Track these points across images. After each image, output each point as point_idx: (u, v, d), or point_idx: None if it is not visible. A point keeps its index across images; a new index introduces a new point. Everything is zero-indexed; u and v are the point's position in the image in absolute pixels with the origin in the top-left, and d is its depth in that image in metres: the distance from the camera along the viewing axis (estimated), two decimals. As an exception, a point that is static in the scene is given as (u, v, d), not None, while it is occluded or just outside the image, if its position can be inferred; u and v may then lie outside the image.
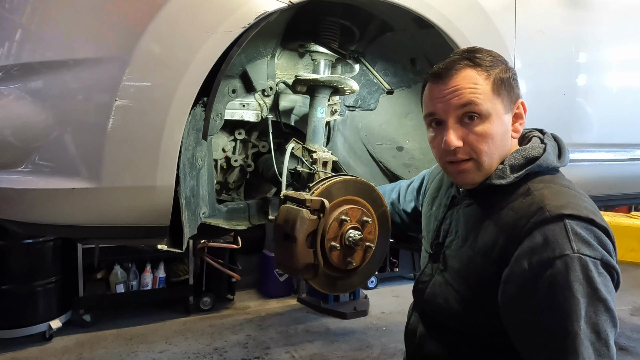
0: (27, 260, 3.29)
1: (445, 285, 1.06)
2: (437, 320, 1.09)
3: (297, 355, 3.31)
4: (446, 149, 0.99)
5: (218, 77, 1.20)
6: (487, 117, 0.97)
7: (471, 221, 1.03)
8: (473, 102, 0.96)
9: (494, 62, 1.00)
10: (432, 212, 1.21)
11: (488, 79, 0.97)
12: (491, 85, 0.97)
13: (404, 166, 1.91)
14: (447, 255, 1.08)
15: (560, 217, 0.87)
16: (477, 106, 0.96)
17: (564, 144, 1.05)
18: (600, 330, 0.82)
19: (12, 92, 1.11)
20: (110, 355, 3.21)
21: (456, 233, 1.07)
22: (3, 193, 1.14)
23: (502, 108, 0.98)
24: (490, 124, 0.97)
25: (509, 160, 0.99)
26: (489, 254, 0.95)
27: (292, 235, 1.20)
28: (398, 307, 4.28)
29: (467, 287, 1.00)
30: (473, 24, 1.49)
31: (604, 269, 0.85)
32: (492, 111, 0.97)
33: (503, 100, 0.99)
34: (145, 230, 1.22)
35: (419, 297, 1.17)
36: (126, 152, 1.11)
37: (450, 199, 1.14)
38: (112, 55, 1.09)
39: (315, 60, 1.61)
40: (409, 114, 1.86)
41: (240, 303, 4.23)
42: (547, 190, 0.94)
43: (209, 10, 1.13)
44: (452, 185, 1.15)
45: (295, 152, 1.56)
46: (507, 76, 1.00)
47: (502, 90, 0.99)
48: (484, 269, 0.96)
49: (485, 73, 0.98)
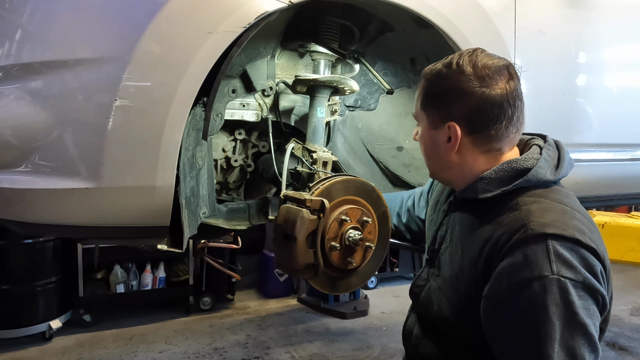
0: (27, 260, 3.29)
1: (439, 291, 1.06)
2: (432, 323, 1.10)
3: (297, 355, 3.31)
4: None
5: (218, 77, 1.20)
6: (420, 126, 1.06)
7: (463, 231, 1.03)
8: (414, 116, 1.07)
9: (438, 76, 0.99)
10: (433, 217, 1.21)
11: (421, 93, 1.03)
12: (420, 100, 1.04)
13: (404, 166, 1.91)
14: (442, 262, 1.08)
15: (543, 237, 0.84)
16: (416, 118, 1.07)
17: (565, 153, 1.01)
18: (576, 354, 0.80)
19: (12, 92, 1.11)
20: (110, 355, 3.21)
21: (450, 241, 1.06)
22: (3, 193, 1.14)
23: (427, 123, 1.03)
24: (421, 134, 1.06)
25: (496, 172, 0.95)
26: (474, 266, 0.94)
27: (292, 235, 1.20)
28: (398, 307, 4.28)
29: (457, 295, 1.00)
30: (473, 24, 1.49)
31: (585, 292, 0.82)
32: (421, 122, 1.05)
33: (428, 116, 1.02)
34: (145, 230, 1.22)
35: (415, 300, 1.18)
36: (126, 152, 1.11)
37: (448, 205, 1.13)
38: (112, 55, 1.09)
39: (315, 60, 1.61)
40: (409, 114, 1.86)
41: (240, 303, 4.23)
42: (536, 206, 0.90)
43: (209, 10, 1.14)
44: (453, 191, 1.13)
45: (295, 152, 1.56)
46: (437, 91, 0.99)
47: (428, 106, 1.02)
48: (470, 280, 0.95)
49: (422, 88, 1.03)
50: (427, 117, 1.01)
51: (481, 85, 0.92)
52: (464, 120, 0.95)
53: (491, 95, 0.92)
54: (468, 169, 1.00)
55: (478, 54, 0.95)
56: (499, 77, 0.93)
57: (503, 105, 0.93)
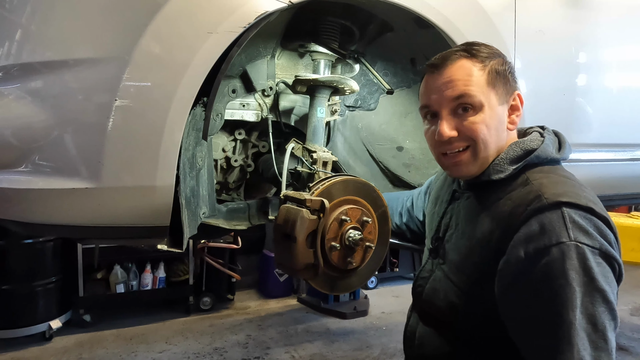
0: (27, 260, 3.29)
1: (445, 279, 1.05)
2: (437, 317, 1.08)
3: (297, 355, 3.31)
4: (439, 140, 1.00)
5: (218, 77, 1.20)
6: (481, 108, 0.97)
7: (470, 213, 1.03)
8: (466, 94, 0.96)
9: (491, 54, 1.00)
10: (435, 210, 1.21)
11: (483, 70, 0.98)
12: (486, 77, 0.98)
13: (404, 166, 1.91)
14: (447, 249, 1.07)
15: (558, 205, 0.85)
16: (471, 98, 0.96)
17: (564, 138, 1.05)
18: (597, 321, 0.79)
19: (12, 92, 1.11)
20: (110, 355, 3.21)
21: (456, 226, 1.07)
22: (3, 193, 1.14)
23: (496, 100, 0.99)
24: (484, 114, 0.97)
25: (507, 153, 0.99)
26: (486, 244, 0.94)
27: (292, 235, 1.20)
28: (398, 307, 4.28)
29: (466, 279, 0.99)
30: (473, 24, 1.49)
31: (602, 259, 0.82)
32: (486, 102, 0.97)
33: (498, 92, 0.99)
34: (145, 230, 1.22)
35: (419, 294, 1.17)
36: (126, 152, 1.11)
37: (451, 194, 1.14)
38: (112, 55, 1.09)
39: (315, 60, 1.61)
40: (409, 114, 1.86)
41: (240, 303, 4.23)
42: (546, 180, 0.93)
43: (209, 10, 1.14)
44: (454, 181, 1.16)
45: (295, 152, 1.56)
46: (503, 68, 1.00)
47: (497, 82, 0.99)
48: (482, 259, 0.95)
49: (480, 64, 0.98)
50: (495, 93, 0.99)
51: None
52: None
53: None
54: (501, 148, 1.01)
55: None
56: None
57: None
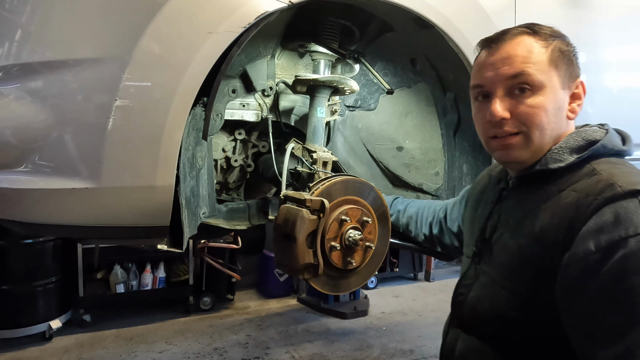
0: (27, 260, 3.29)
1: (492, 285, 0.95)
2: (481, 330, 0.97)
3: (297, 355, 3.31)
4: (491, 120, 0.90)
5: (218, 77, 1.20)
6: (541, 89, 0.88)
7: (523, 210, 0.92)
8: (525, 73, 0.88)
9: (554, 33, 0.92)
10: (477, 214, 1.10)
11: (546, 47, 0.89)
12: (549, 55, 0.89)
13: (404, 166, 1.91)
14: (495, 251, 0.96)
15: (634, 193, 0.77)
16: (530, 76, 0.87)
17: (627, 133, 0.96)
18: None
19: (12, 92, 1.11)
20: (110, 355, 3.21)
21: (506, 226, 0.96)
22: (3, 193, 1.14)
23: (558, 82, 0.90)
24: (544, 97, 0.88)
25: (566, 141, 0.90)
26: (545, 239, 0.84)
27: (292, 235, 1.21)
28: (398, 307, 4.28)
29: (519, 281, 0.88)
30: (473, 24, 1.49)
31: None
32: (547, 83, 0.88)
33: (560, 73, 0.90)
34: (145, 230, 1.22)
35: (459, 305, 1.05)
36: (126, 152, 1.11)
37: (498, 194, 1.04)
38: (112, 55, 1.09)
39: (315, 60, 1.61)
40: (409, 114, 1.86)
41: (240, 303, 4.23)
42: (616, 170, 0.84)
43: (209, 10, 1.14)
44: (500, 182, 1.06)
45: (295, 152, 1.56)
46: (568, 49, 0.92)
47: (561, 63, 0.90)
48: (539, 256, 0.85)
49: (543, 42, 0.90)
50: (557, 74, 0.90)
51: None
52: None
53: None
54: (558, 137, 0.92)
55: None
56: None
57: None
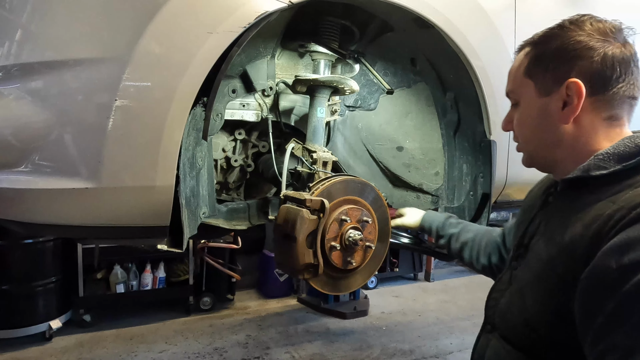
0: (27, 260, 3.29)
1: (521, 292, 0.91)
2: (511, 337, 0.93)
3: (297, 355, 3.31)
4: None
5: (218, 77, 1.20)
6: (521, 102, 0.92)
7: (562, 217, 0.87)
8: (510, 90, 0.94)
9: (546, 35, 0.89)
10: (523, 218, 1.06)
11: (525, 61, 0.90)
12: (524, 66, 0.90)
13: (404, 166, 1.92)
14: (529, 257, 0.93)
15: None
16: (512, 92, 0.94)
17: None
18: None
19: (12, 92, 1.11)
20: (110, 355, 3.21)
21: (544, 231, 0.92)
22: (3, 193, 1.14)
23: (534, 91, 0.88)
24: (523, 109, 0.91)
25: (616, 147, 0.83)
26: (573, 250, 0.79)
27: (292, 235, 1.21)
28: (398, 307, 4.28)
29: (544, 291, 0.85)
30: (473, 24, 1.49)
31: None
32: (523, 95, 0.91)
33: (537, 82, 0.88)
34: (145, 230, 1.22)
35: (492, 310, 1.02)
36: (126, 152, 1.11)
37: (544, 199, 1.00)
38: (112, 55, 1.09)
39: (315, 60, 1.61)
40: (409, 114, 1.86)
41: (240, 303, 4.23)
42: None
43: (209, 10, 1.14)
44: (550, 187, 1.01)
45: (295, 152, 1.56)
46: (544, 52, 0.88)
47: (535, 71, 0.88)
48: (564, 269, 0.80)
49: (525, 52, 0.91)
50: (534, 84, 0.88)
51: (604, 39, 0.84)
52: (584, 79, 0.83)
53: (615, 51, 0.83)
54: (584, 143, 0.86)
55: (592, 15, 0.89)
56: (621, 35, 0.86)
57: (630, 63, 0.84)
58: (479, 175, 1.65)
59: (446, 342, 3.54)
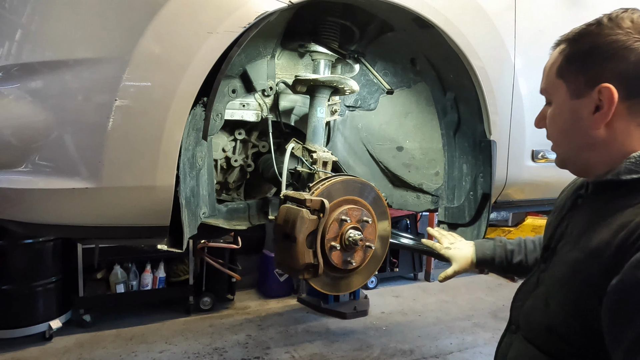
0: (27, 260, 3.29)
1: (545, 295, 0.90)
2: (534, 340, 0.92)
3: (297, 355, 3.31)
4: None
5: (218, 77, 1.20)
6: (552, 102, 0.89)
7: (590, 221, 0.85)
8: (543, 89, 0.91)
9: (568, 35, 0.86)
10: (552, 219, 1.04)
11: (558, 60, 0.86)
12: (557, 65, 0.86)
13: (404, 166, 1.92)
14: (555, 261, 0.91)
15: None
16: (545, 92, 0.90)
17: None
18: None
19: (12, 92, 1.11)
20: (110, 355, 3.21)
21: (570, 234, 0.90)
22: (3, 193, 1.14)
23: (565, 93, 0.85)
24: (554, 110, 0.88)
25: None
26: (599, 256, 0.77)
27: (292, 235, 1.21)
28: (398, 307, 4.28)
29: (568, 294, 0.83)
30: (473, 24, 1.49)
31: None
32: (555, 96, 0.87)
33: (569, 83, 0.84)
34: (145, 230, 1.22)
35: (517, 311, 1.00)
36: (126, 152, 1.11)
37: (574, 201, 0.97)
38: (112, 55, 1.09)
39: (315, 60, 1.61)
40: (409, 114, 1.86)
41: (240, 303, 4.23)
42: None
43: (209, 10, 1.13)
44: (581, 188, 0.98)
45: (295, 152, 1.56)
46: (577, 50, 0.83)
47: (567, 72, 0.84)
48: (588, 272, 0.78)
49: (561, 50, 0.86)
50: (566, 85, 0.84)
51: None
52: (620, 82, 0.78)
53: None
54: (617, 147, 0.82)
55: (634, 10, 0.82)
56: None
57: None
58: (479, 175, 1.65)
59: (446, 342, 3.54)
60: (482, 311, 4.24)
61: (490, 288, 4.82)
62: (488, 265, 1.33)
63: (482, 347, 3.46)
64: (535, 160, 1.74)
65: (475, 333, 3.72)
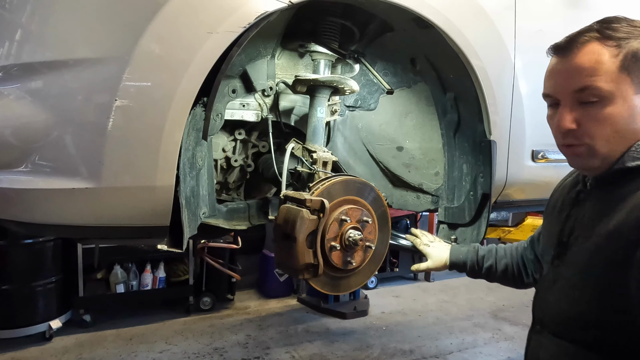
0: (27, 260, 3.29)
1: (570, 286, 0.92)
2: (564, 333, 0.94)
3: (297, 355, 3.31)
4: (560, 131, 0.89)
5: (218, 77, 1.20)
6: (610, 99, 0.84)
7: (600, 211, 0.89)
8: (591, 87, 0.84)
9: (630, 32, 0.85)
10: (554, 218, 1.07)
11: (617, 54, 0.83)
12: (619, 62, 0.83)
13: (404, 166, 1.92)
14: (571, 253, 0.94)
15: None
16: (596, 90, 0.84)
17: None
18: None
19: (12, 92, 1.11)
20: (110, 355, 3.21)
21: (582, 228, 0.93)
22: (3, 193, 1.14)
23: (631, 88, 0.84)
24: (613, 107, 0.84)
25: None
26: (620, 235, 0.81)
27: (292, 235, 1.21)
28: (398, 307, 4.28)
29: (594, 279, 0.86)
30: (473, 24, 1.49)
31: None
32: (617, 92, 0.83)
33: (634, 79, 0.84)
34: (145, 230, 1.22)
35: (539, 309, 1.03)
36: (126, 152, 1.11)
37: (575, 196, 1.01)
38: (112, 55, 1.09)
39: (315, 60, 1.61)
40: (409, 114, 1.86)
41: (240, 303, 4.23)
42: None
43: (209, 10, 1.13)
44: (577, 184, 1.02)
45: (295, 152, 1.56)
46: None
47: (634, 67, 0.83)
48: (612, 251, 0.82)
49: (614, 48, 0.84)
50: (632, 80, 0.84)
51: None
52: None
53: None
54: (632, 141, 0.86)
55: None
56: None
57: None
58: (479, 175, 1.65)
59: (446, 342, 3.54)
60: (482, 311, 4.24)
61: (490, 288, 4.82)
62: (460, 268, 1.42)
63: (482, 347, 3.46)
64: (535, 161, 1.74)
65: (475, 333, 3.72)
